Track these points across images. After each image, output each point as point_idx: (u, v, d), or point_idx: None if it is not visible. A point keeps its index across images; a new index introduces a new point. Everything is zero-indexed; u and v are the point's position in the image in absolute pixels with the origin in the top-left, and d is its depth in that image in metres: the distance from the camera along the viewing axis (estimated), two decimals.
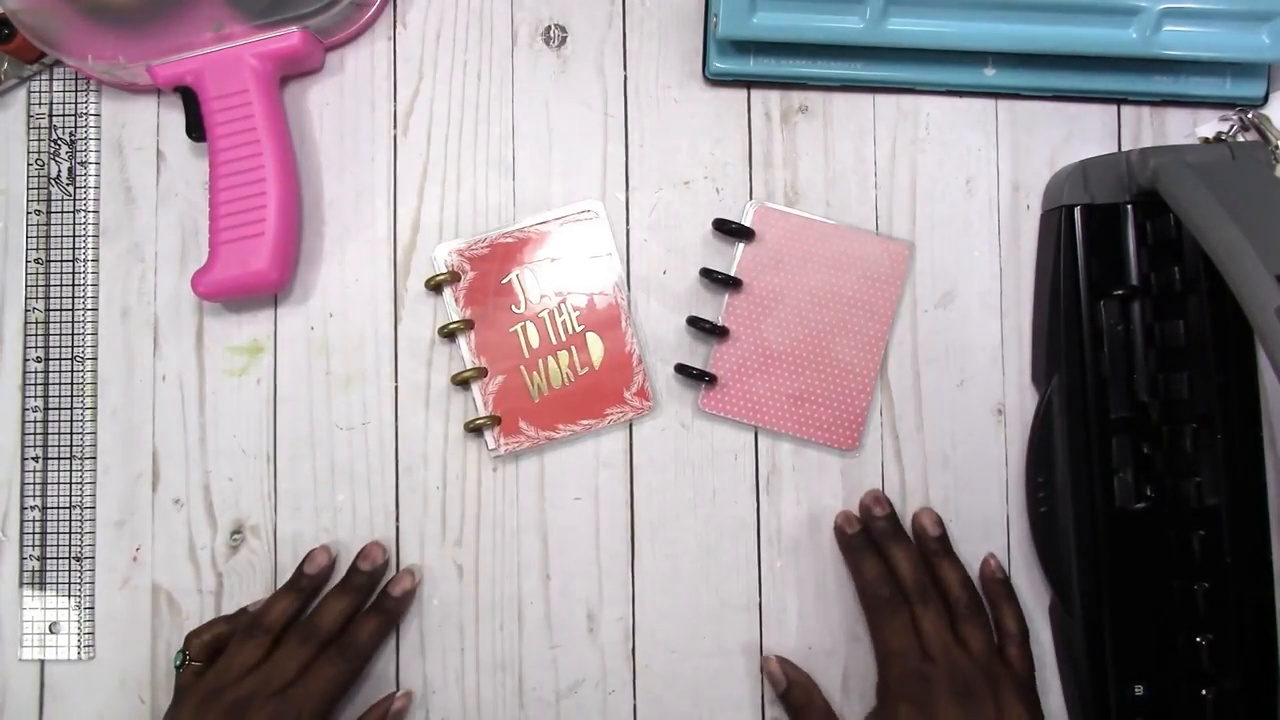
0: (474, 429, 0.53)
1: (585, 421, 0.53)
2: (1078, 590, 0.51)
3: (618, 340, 0.53)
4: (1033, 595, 0.53)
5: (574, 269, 0.54)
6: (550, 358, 0.53)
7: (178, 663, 0.50)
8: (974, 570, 0.52)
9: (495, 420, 0.53)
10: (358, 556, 0.52)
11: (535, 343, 0.53)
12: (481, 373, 0.53)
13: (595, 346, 0.53)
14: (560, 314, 0.53)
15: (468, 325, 0.53)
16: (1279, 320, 0.40)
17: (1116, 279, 0.51)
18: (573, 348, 0.53)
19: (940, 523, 0.52)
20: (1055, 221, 0.52)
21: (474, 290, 0.53)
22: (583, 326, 0.53)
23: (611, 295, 0.54)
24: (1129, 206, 0.51)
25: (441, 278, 0.53)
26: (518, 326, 0.53)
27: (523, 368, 0.53)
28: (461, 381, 0.53)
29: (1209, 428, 0.50)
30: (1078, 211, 0.51)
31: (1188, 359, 0.50)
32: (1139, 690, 0.50)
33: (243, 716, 0.46)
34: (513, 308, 0.54)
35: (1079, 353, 0.51)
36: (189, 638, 0.51)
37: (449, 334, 0.53)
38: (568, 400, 0.53)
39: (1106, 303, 0.51)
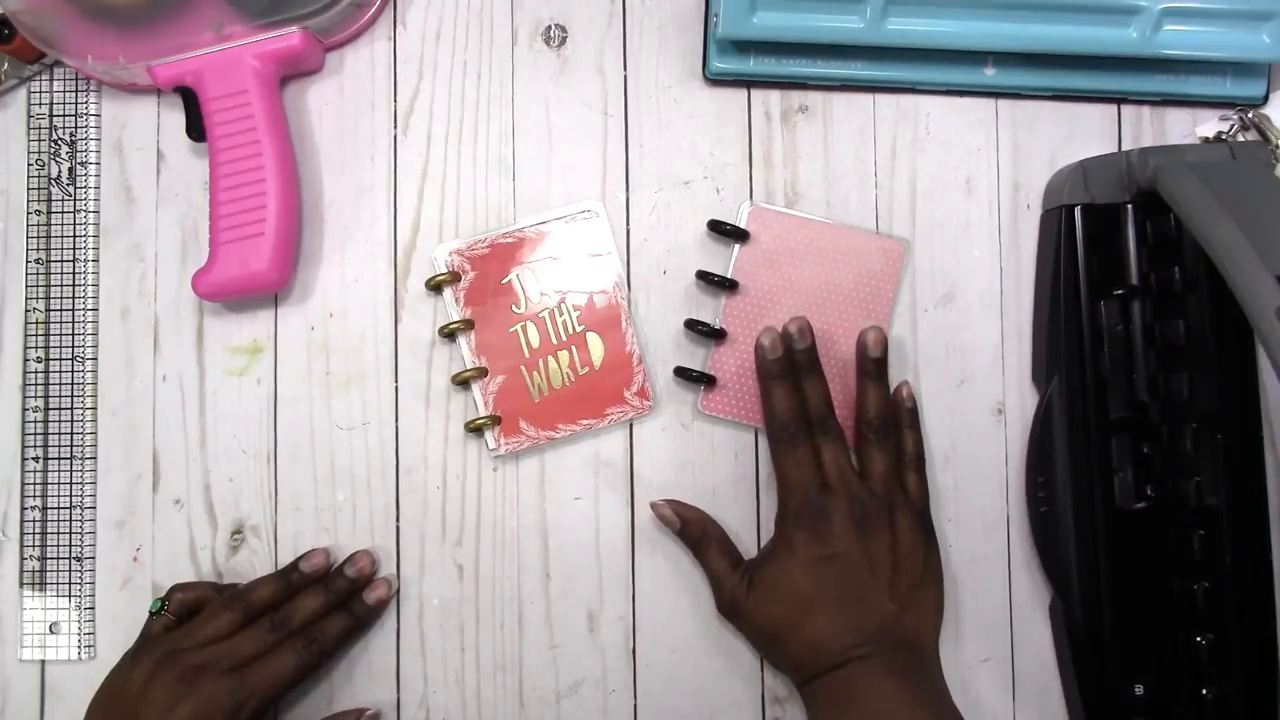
0: (474, 429, 0.53)
1: (585, 421, 0.53)
2: (1078, 590, 0.51)
3: (618, 340, 0.53)
4: (1033, 595, 0.53)
5: (574, 269, 0.54)
6: (550, 357, 0.53)
7: (154, 609, 0.51)
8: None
9: (495, 420, 0.53)
10: (345, 561, 0.52)
11: (535, 342, 0.53)
12: (482, 373, 0.53)
13: (595, 346, 0.53)
14: (560, 314, 0.53)
15: (468, 325, 0.53)
16: (1279, 320, 0.40)
17: (1116, 279, 0.51)
18: (573, 347, 0.53)
19: (884, 344, 0.51)
20: (1055, 221, 0.52)
21: (474, 290, 0.53)
22: (583, 326, 0.53)
23: (611, 295, 0.54)
24: (1129, 206, 0.51)
25: (442, 278, 0.53)
26: (518, 326, 0.53)
27: (523, 367, 0.53)
28: (462, 381, 0.53)
29: (1209, 428, 0.50)
30: (1078, 211, 0.51)
31: (1188, 359, 0.50)
32: (1139, 690, 0.50)
33: (194, 682, 0.47)
34: (513, 307, 0.54)
35: (1079, 353, 0.51)
36: (173, 589, 0.51)
37: (449, 334, 0.53)
38: (568, 400, 0.53)
39: (1107, 303, 0.51)
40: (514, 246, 0.54)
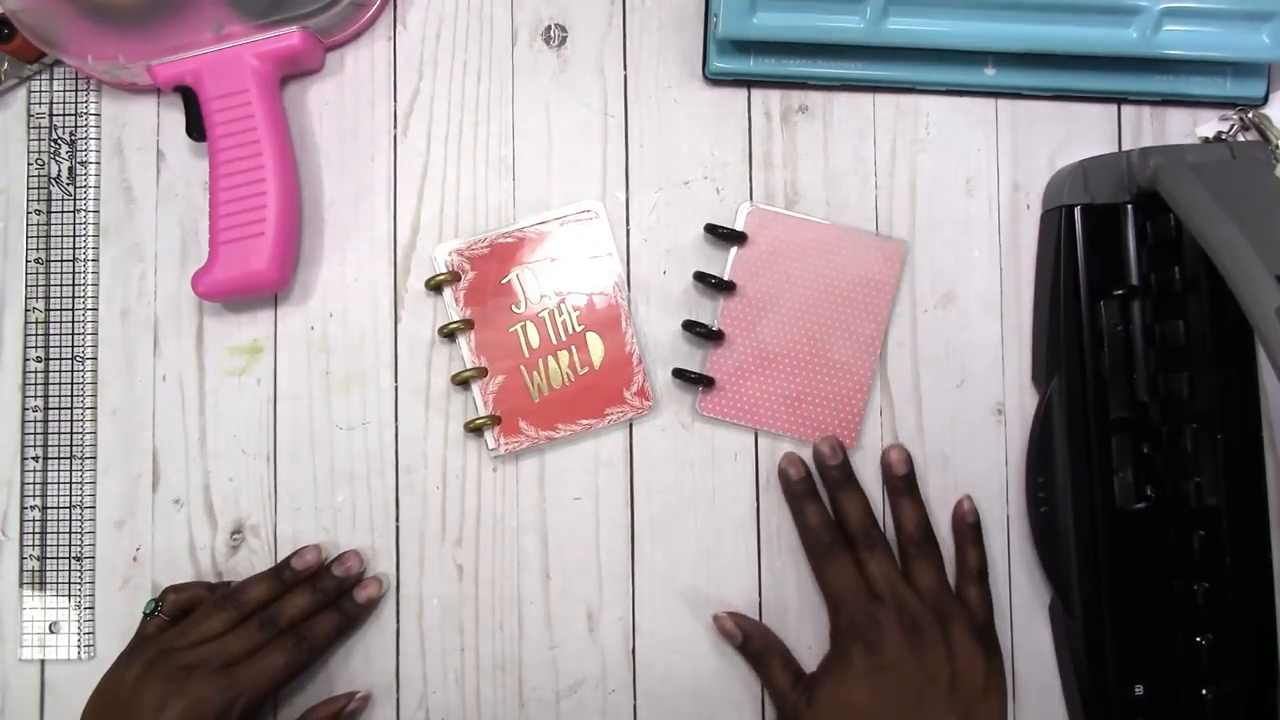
0: (474, 429, 0.53)
1: (585, 421, 0.53)
2: (1078, 590, 0.51)
3: (618, 340, 0.53)
4: (1033, 595, 0.53)
5: (574, 269, 0.54)
6: (550, 357, 0.53)
7: (148, 610, 0.51)
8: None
9: (495, 420, 0.53)
10: (334, 561, 0.52)
11: (535, 342, 0.53)
12: (481, 372, 0.53)
13: (595, 346, 0.53)
14: (560, 314, 0.53)
15: (468, 325, 0.53)
16: (1279, 320, 0.40)
17: (1116, 279, 0.51)
18: (573, 347, 0.53)
19: (908, 461, 0.52)
20: (1055, 221, 0.52)
21: (474, 290, 0.53)
22: (583, 326, 0.53)
23: (611, 295, 0.54)
24: (1129, 206, 0.51)
25: (441, 278, 0.53)
26: (518, 326, 0.53)
27: (523, 367, 0.53)
28: (461, 381, 0.53)
29: (1209, 428, 0.50)
30: (1078, 211, 0.51)
31: (1188, 359, 0.50)
32: (1139, 690, 0.50)
33: (184, 682, 0.47)
34: (513, 307, 0.54)
35: (1079, 353, 0.51)
36: (166, 591, 0.51)
37: (449, 334, 0.53)
38: (568, 400, 0.53)
39: (1106, 303, 0.51)
40: (514, 246, 0.54)
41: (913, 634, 0.48)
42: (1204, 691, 0.50)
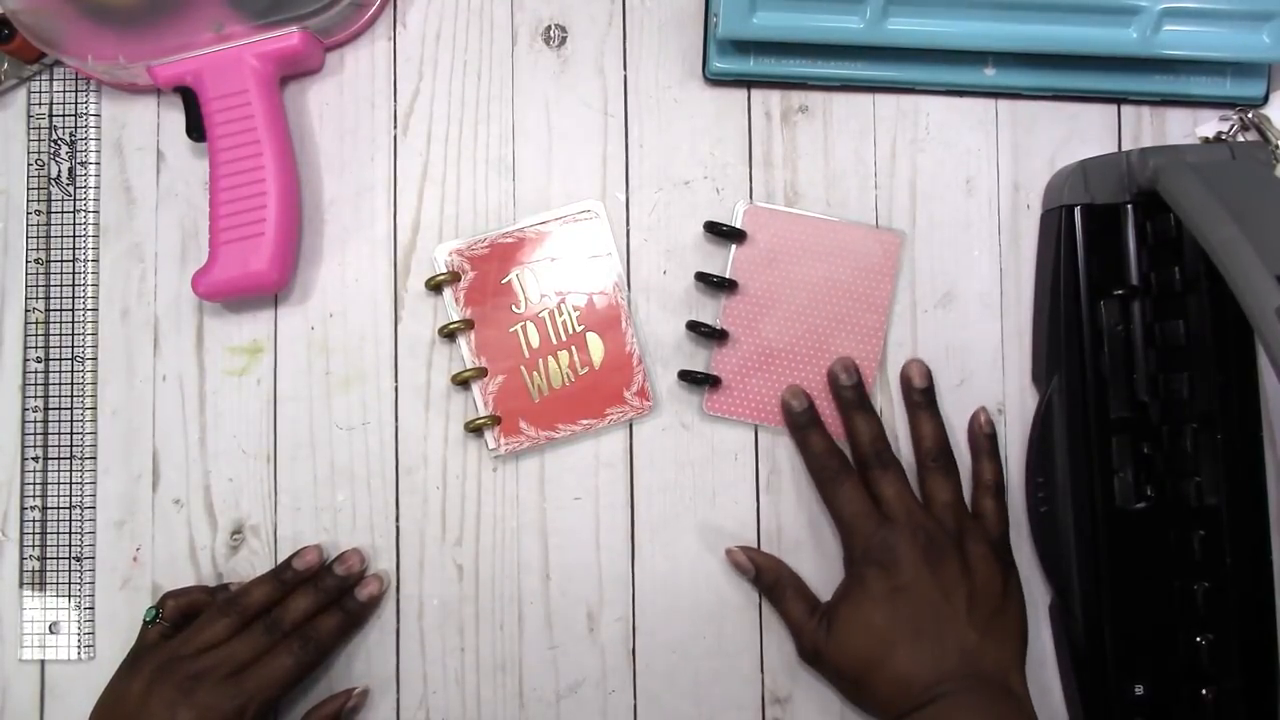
0: (474, 429, 0.53)
1: (585, 421, 0.53)
2: (1078, 590, 0.51)
3: (618, 340, 0.53)
4: (1033, 595, 0.53)
5: (574, 269, 0.54)
6: (550, 357, 0.53)
7: (148, 618, 0.51)
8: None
9: (495, 420, 0.53)
10: (335, 560, 0.52)
11: (535, 342, 0.53)
12: (481, 373, 0.53)
13: (595, 346, 0.53)
14: (560, 314, 0.53)
15: (468, 325, 0.53)
16: (1279, 320, 0.40)
17: (1116, 279, 0.51)
18: (573, 348, 0.53)
19: (928, 375, 0.52)
20: (1055, 221, 0.52)
21: (474, 290, 0.53)
22: (583, 326, 0.53)
23: (611, 295, 0.54)
24: (1129, 206, 0.51)
25: (442, 278, 0.53)
26: (518, 326, 0.53)
27: (523, 368, 0.53)
28: (462, 381, 0.53)
29: (1209, 428, 0.50)
30: (1078, 211, 0.51)
31: (1188, 359, 0.50)
32: (1139, 690, 0.50)
33: (193, 692, 0.47)
34: (513, 308, 0.54)
35: (1079, 353, 0.51)
36: (165, 597, 0.51)
37: (449, 334, 0.53)
38: (568, 400, 0.53)
39: (1106, 303, 0.51)
40: (514, 246, 0.54)
41: (929, 553, 0.48)
42: (1204, 691, 0.50)
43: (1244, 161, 0.50)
